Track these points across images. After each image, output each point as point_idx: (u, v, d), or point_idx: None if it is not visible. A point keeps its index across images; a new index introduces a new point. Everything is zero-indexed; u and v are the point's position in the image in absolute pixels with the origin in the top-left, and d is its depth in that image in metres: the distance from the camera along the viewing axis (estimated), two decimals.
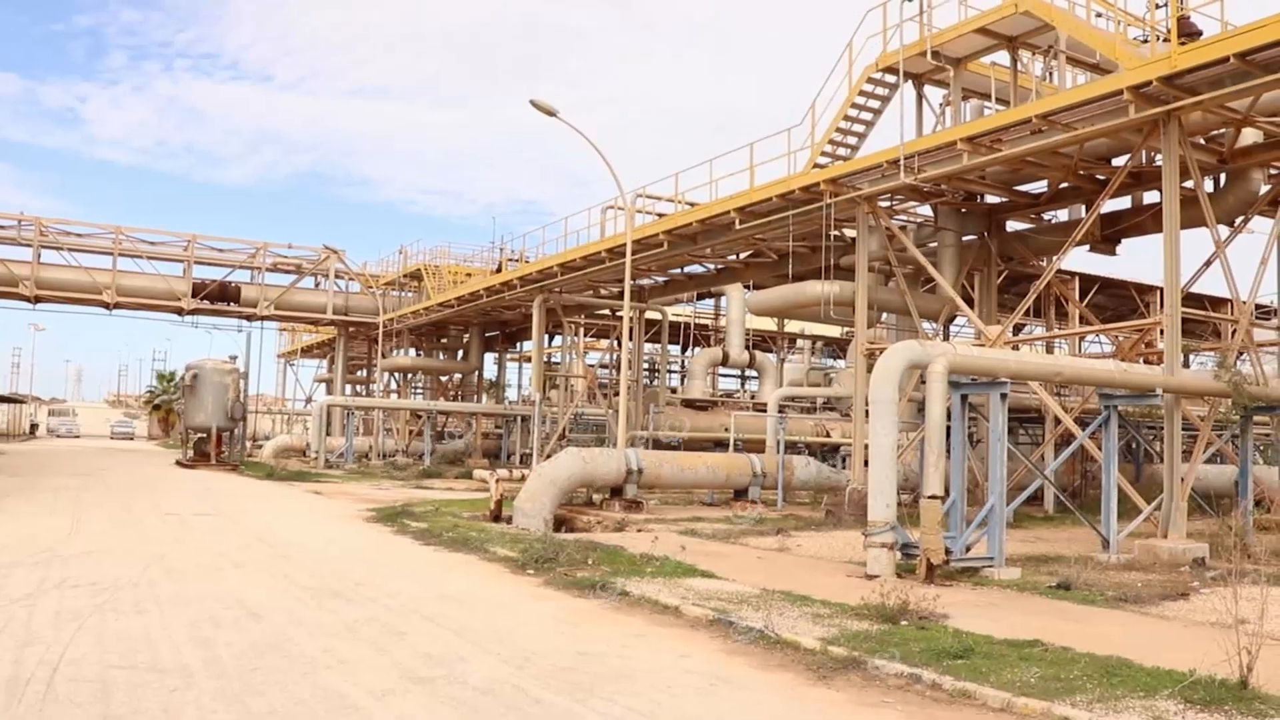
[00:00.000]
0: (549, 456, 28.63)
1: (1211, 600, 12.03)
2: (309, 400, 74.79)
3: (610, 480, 24.10)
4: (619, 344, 41.05)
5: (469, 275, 47.94)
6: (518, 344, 59.07)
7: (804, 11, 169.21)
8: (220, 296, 50.11)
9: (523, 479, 24.77)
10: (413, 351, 58.66)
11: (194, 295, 49.40)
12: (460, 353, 56.23)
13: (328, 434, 48.16)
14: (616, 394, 38.36)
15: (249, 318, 51.86)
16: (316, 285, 53.97)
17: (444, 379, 56.89)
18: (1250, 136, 20.66)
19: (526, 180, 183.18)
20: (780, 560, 16.34)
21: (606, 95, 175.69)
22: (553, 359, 55.90)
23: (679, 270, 36.82)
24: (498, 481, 23.14)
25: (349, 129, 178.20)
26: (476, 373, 56.01)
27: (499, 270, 44.69)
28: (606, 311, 44.62)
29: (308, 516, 23.47)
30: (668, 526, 21.10)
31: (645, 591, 12.48)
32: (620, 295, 37.09)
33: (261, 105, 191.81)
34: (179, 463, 45.98)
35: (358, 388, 67.39)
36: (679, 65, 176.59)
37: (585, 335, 51.76)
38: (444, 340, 57.17)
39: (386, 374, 57.22)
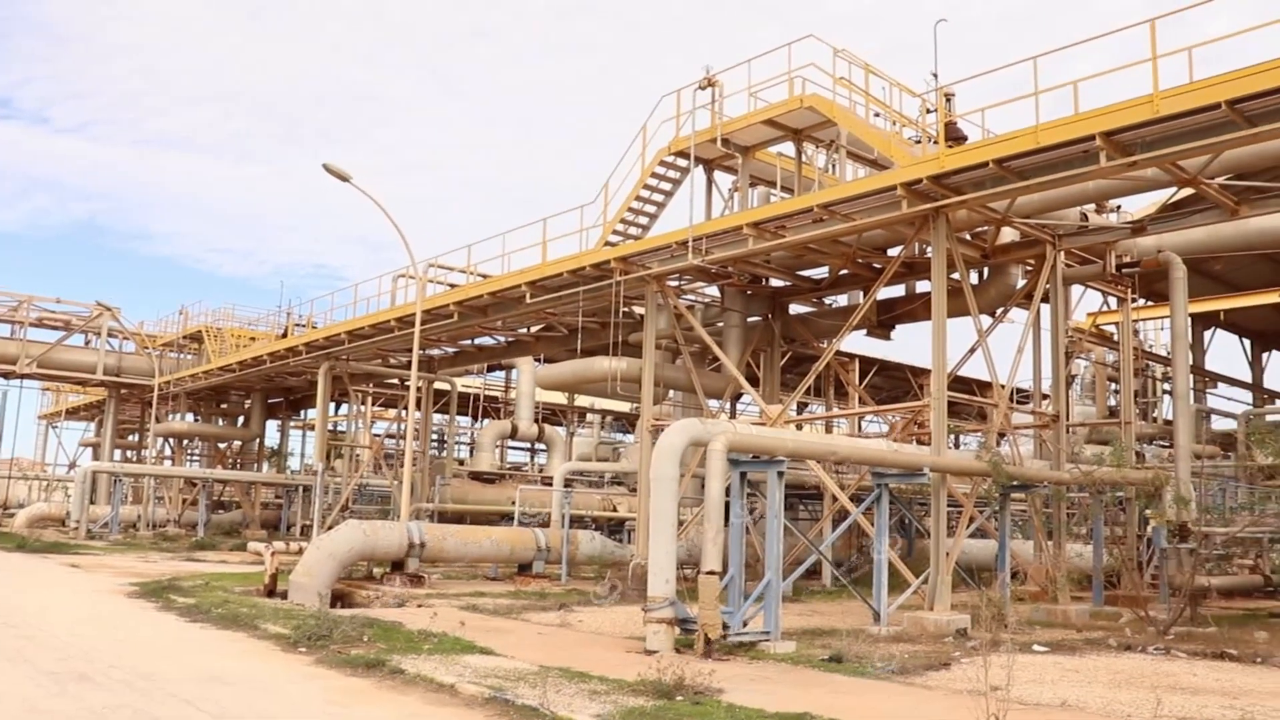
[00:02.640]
0: (331, 528, 27.77)
1: (970, 669, 12.58)
2: (73, 465, 70.43)
3: (392, 554, 23.54)
4: (406, 414, 40.39)
5: (253, 339, 46.43)
6: (302, 411, 57.37)
7: (606, 91, 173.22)
8: None
9: (300, 551, 23.92)
10: (190, 416, 56.08)
11: None
12: (241, 419, 54.16)
13: (92, 502, 45.35)
14: (403, 465, 37.64)
15: (7, 375, 48.68)
16: (87, 343, 51.14)
17: (223, 446, 54.56)
18: (1009, 235, 22.19)
19: (323, 244, 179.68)
20: (561, 636, 16.25)
21: (422, 162, 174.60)
22: (338, 428, 54.51)
23: (470, 341, 36.64)
24: (273, 554, 22.27)
25: (136, 179, 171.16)
26: (258, 440, 54.00)
27: (285, 335, 43.47)
28: (395, 380, 43.90)
29: (61, 592, 21.94)
30: (449, 601, 20.73)
31: (421, 669, 12.20)
32: (409, 365, 36.60)
33: (36, 148, 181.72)
34: None
35: (128, 453, 63.89)
36: (493, 136, 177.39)
37: (373, 404, 50.72)
38: (224, 406, 54.98)
39: (161, 439, 54.52)
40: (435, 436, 50.82)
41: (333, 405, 51.56)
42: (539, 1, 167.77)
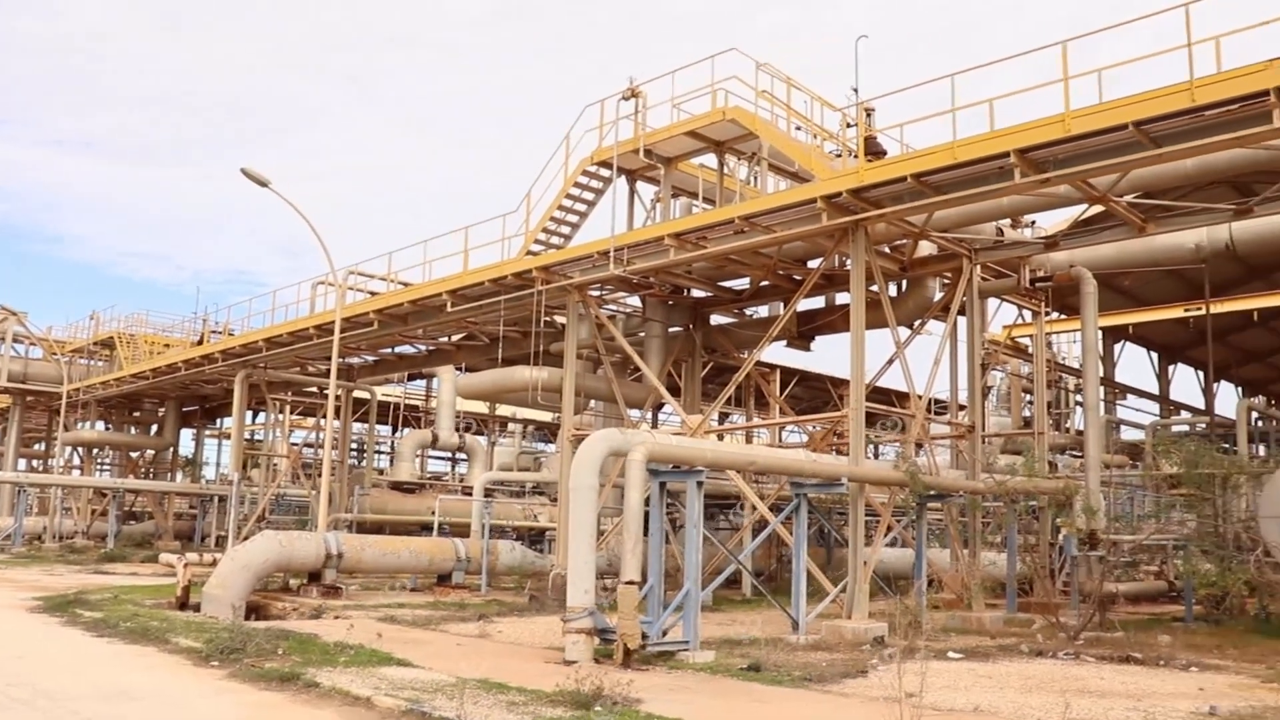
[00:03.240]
0: (246, 539, 27.30)
1: (886, 677, 12.73)
2: None
3: (309, 565, 23.20)
4: (325, 423, 39.89)
5: (168, 346, 45.46)
6: (218, 420, 56.29)
7: (530, 100, 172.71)
8: None
9: (214, 563, 23.48)
10: (101, 425, 54.73)
11: None
12: (155, 427, 53.01)
13: None
14: (321, 474, 37.15)
15: None
16: None
17: (135, 455, 53.34)
18: (927, 248, 22.58)
19: (242, 250, 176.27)
20: (480, 647, 16.14)
21: (344, 169, 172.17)
22: (255, 437, 53.63)
23: (390, 350, 36.31)
24: (186, 566, 21.82)
25: (46, 180, 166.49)
26: (172, 449, 52.87)
27: (201, 342, 42.63)
28: (314, 389, 43.32)
29: None
30: (367, 613, 20.49)
31: (337, 682, 12.03)
32: (329, 373, 36.16)
33: None
34: None
35: (34, 463, 62.18)
36: (416, 143, 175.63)
37: (291, 413, 49.97)
38: (137, 414, 53.73)
39: (69, 448, 53.14)
40: (355, 446, 50.29)
41: (250, 414, 50.76)
42: (460, 9, 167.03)
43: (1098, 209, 21.27)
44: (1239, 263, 29.11)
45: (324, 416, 40.07)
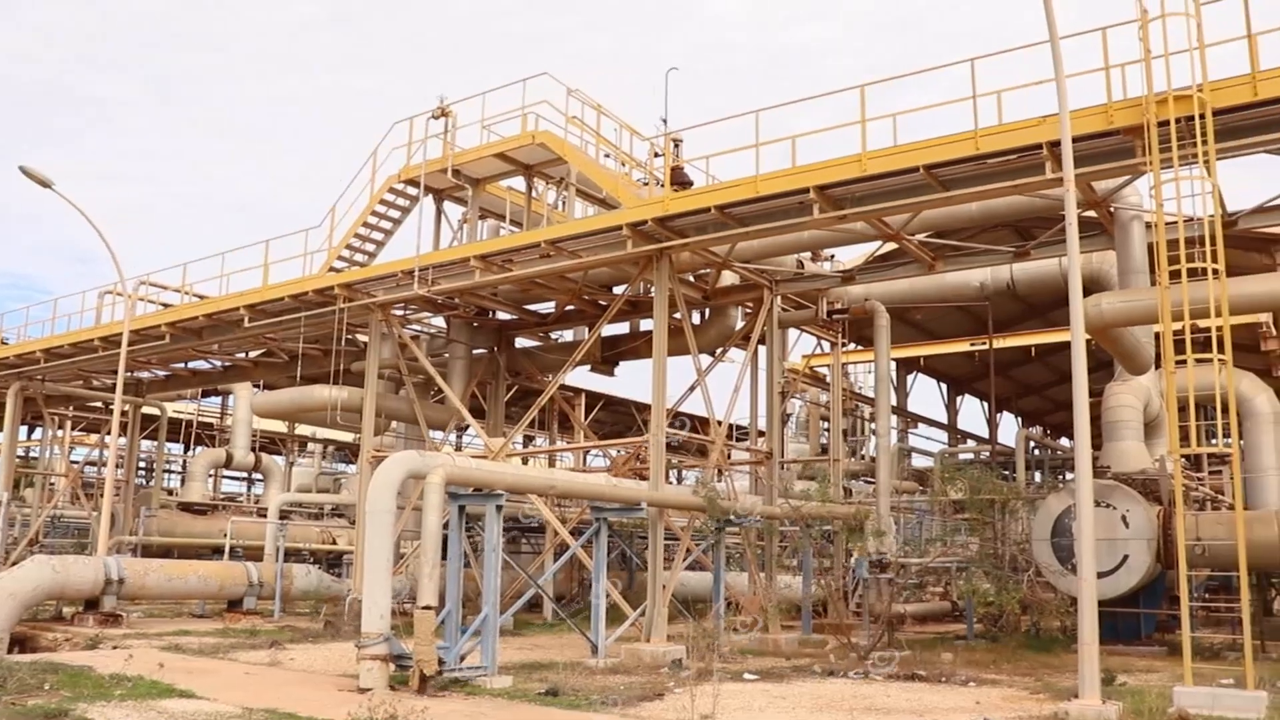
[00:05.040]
0: (16, 564, 25.65)
1: (683, 699, 12.87)
2: None
3: (86, 591, 21.98)
4: (109, 440, 37.92)
5: None
6: None
7: (340, 113, 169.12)
8: None
9: None
10: None
11: None
12: None
13: None
14: (103, 494, 35.30)
15: None
16: None
17: None
18: (730, 278, 23.11)
19: (21, 254, 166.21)
20: (271, 675, 15.58)
21: (139, 174, 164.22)
22: (30, 454, 50.52)
23: (183, 365, 34.82)
24: None
25: None
26: None
27: None
28: (99, 404, 41.13)
29: None
30: (150, 641, 19.51)
31: (110, 717, 11.41)
32: (116, 387, 34.45)
33: None
34: None
35: None
36: (219, 152, 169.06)
37: (72, 429, 47.27)
38: None
39: None
40: (142, 465, 47.93)
41: (25, 428, 47.78)
42: (267, 16, 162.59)
43: (892, 246, 22.24)
44: (1019, 301, 30.81)
45: (109, 433, 38.13)
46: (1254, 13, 14.09)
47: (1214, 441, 20.20)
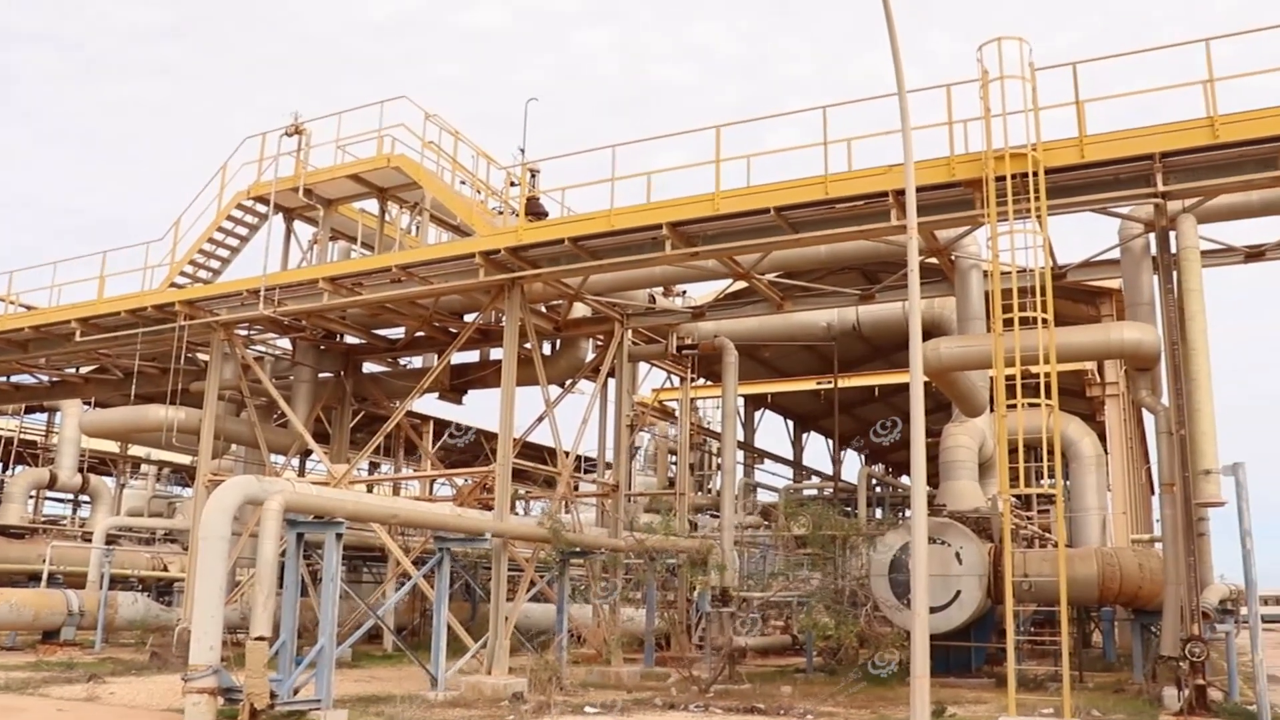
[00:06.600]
0: None
1: None
2: None
3: None
4: None
5: None
6: None
7: (190, 122, 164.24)
8: None
9: None
10: None
11: None
12: None
13: None
14: None
15: None
16: None
17: None
18: (581, 310, 23.19)
19: None
20: (87, 712, 14.88)
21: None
22: None
23: (5, 379, 33.13)
24: None
25: None
26: None
27: None
28: None
29: None
30: None
31: None
32: None
33: None
34: None
35: None
36: (59, 156, 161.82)
37: None
38: None
39: None
40: None
41: None
42: (119, 18, 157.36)
43: (743, 284, 22.64)
44: (865, 342, 31.65)
45: None
46: (1082, 82, 14.96)
47: (1042, 482, 21.04)
